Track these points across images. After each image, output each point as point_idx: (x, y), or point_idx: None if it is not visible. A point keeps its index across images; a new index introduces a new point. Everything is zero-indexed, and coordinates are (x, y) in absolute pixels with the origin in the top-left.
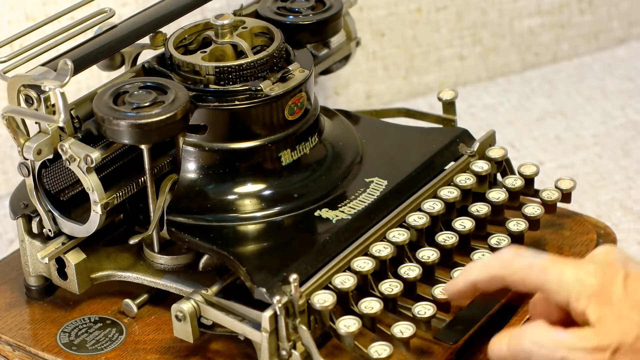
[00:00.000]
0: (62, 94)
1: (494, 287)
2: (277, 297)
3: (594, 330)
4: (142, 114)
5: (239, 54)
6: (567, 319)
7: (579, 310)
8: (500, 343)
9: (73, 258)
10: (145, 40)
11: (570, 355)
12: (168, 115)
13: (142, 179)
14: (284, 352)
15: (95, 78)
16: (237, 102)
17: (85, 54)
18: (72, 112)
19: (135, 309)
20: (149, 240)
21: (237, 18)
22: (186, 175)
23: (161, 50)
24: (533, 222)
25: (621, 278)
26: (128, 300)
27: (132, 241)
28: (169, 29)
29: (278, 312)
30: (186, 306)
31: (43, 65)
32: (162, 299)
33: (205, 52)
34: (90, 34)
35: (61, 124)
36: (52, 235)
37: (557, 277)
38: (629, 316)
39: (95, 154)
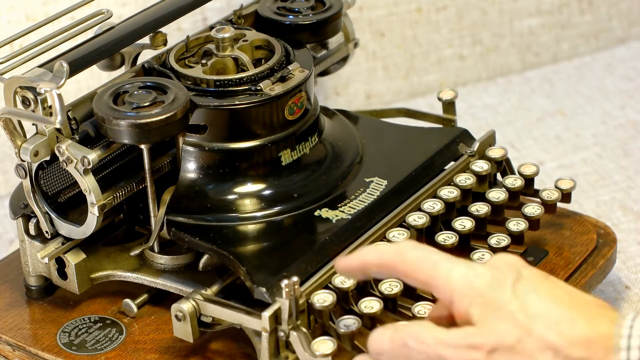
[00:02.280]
0: (59, 96)
1: (385, 275)
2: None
3: (473, 330)
4: (142, 113)
5: (240, 67)
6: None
7: (462, 309)
8: (382, 336)
9: (73, 258)
10: (145, 40)
11: (445, 351)
12: (168, 115)
13: (141, 179)
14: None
15: (95, 78)
16: (237, 102)
17: (84, 54)
18: (69, 113)
19: (135, 309)
20: None
21: (237, 31)
22: (186, 175)
23: (161, 50)
24: (533, 222)
25: (511, 281)
26: (128, 300)
27: (133, 253)
28: (169, 29)
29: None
30: (186, 306)
31: (40, 66)
32: (162, 299)
33: (206, 64)
34: (90, 34)
35: (58, 126)
36: (50, 237)
37: (446, 273)
38: (514, 318)
39: (92, 156)
